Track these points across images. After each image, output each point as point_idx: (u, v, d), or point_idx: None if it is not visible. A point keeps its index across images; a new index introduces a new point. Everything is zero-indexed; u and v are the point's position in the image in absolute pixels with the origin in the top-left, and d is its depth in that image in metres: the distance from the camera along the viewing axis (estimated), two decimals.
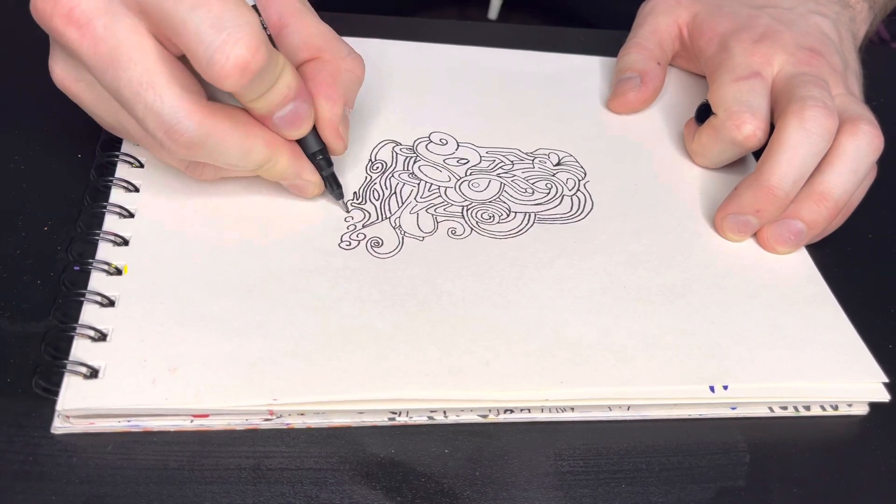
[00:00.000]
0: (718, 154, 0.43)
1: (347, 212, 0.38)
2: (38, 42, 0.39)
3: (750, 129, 0.40)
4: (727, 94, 0.41)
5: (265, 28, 0.33)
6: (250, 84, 0.30)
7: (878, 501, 0.32)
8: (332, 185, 0.37)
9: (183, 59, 0.31)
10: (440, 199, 0.40)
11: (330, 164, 0.37)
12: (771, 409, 0.34)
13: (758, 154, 0.40)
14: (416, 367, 0.32)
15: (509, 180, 0.41)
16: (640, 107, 0.47)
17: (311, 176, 0.36)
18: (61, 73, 0.33)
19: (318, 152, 0.36)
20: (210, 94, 0.33)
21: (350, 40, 0.48)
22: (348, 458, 0.31)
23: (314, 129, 0.35)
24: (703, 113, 0.43)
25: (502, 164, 0.42)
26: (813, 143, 0.38)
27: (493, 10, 0.72)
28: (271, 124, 0.34)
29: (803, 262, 0.40)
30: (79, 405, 0.29)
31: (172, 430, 0.30)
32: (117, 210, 0.36)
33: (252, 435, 0.31)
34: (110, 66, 0.30)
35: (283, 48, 0.35)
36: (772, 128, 0.40)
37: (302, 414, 0.31)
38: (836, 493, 0.32)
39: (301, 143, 0.36)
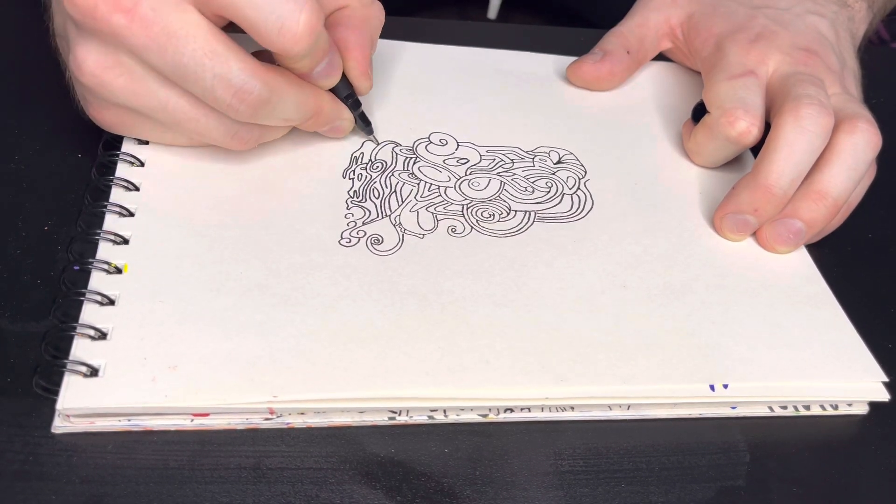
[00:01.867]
0: (714, 152, 0.43)
1: (377, 144, 0.42)
2: (38, 43, 0.39)
3: (743, 125, 0.40)
4: (720, 92, 0.41)
5: None
6: (314, 44, 0.33)
7: (877, 501, 0.32)
8: (363, 123, 0.41)
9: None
10: (440, 199, 0.40)
11: (359, 104, 0.40)
12: (771, 408, 0.34)
13: (756, 153, 0.40)
14: (417, 365, 0.32)
15: (509, 179, 0.41)
16: (592, 81, 0.48)
17: (348, 115, 0.40)
18: (95, 62, 0.33)
19: (349, 95, 0.39)
20: None
21: None
22: (348, 458, 0.31)
23: (343, 74, 0.38)
24: (699, 112, 0.43)
25: (502, 162, 0.42)
26: (809, 141, 0.38)
27: (493, 10, 0.72)
28: (311, 79, 0.36)
29: (803, 261, 0.40)
30: (79, 404, 0.29)
31: (173, 429, 0.30)
32: (117, 209, 0.36)
33: (252, 434, 0.31)
34: (168, 44, 0.32)
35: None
36: (769, 127, 0.40)
37: (302, 413, 0.31)
38: (836, 493, 0.32)
39: (332, 89, 0.38)
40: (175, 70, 0.32)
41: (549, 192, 0.41)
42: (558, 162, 0.43)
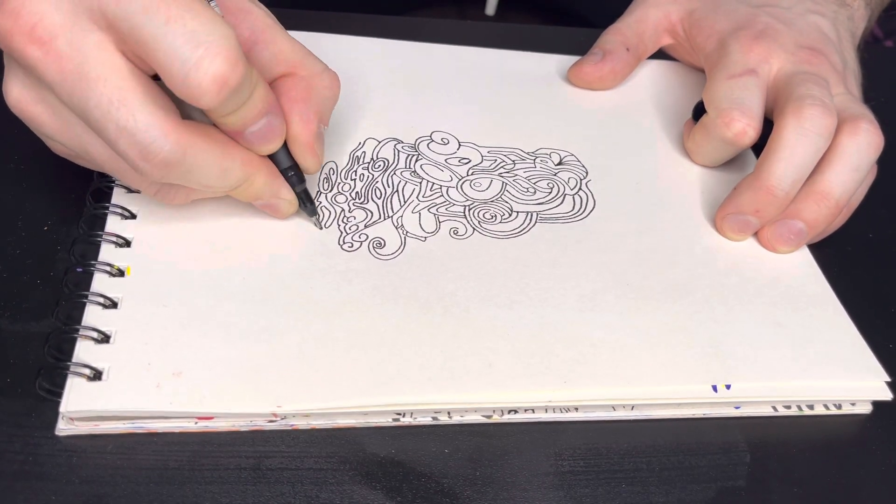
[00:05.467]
0: (712, 152, 0.43)
1: (321, 229, 0.37)
2: None
3: (739, 126, 0.40)
4: (718, 92, 0.41)
5: None
6: (228, 99, 0.29)
7: (879, 501, 0.32)
8: (305, 202, 0.36)
9: (154, 78, 0.30)
10: (442, 199, 0.40)
11: (302, 180, 0.36)
12: (774, 408, 0.34)
13: (759, 152, 0.40)
14: (420, 371, 0.32)
15: (511, 180, 0.41)
16: (594, 82, 0.48)
17: (287, 194, 0.35)
18: (18, 95, 0.31)
19: (289, 168, 0.35)
20: (184, 112, 0.32)
21: (350, 39, 0.48)
22: (348, 458, 0.31)
23: (285, 145, 0.35)
24: (699, 111, 0.43)
25: (504, 163, 0.42)
26: (811, 143, 0.38)
27: (490, 7, 0.72)
28: (244, 140, 0.33)
29: (805, 261, 0.40)
30: (83, 407, 0.29)
31: (176, 431, 0.30)
32: (119, 211, 0.36)
33: (252, 435, 0.31)
34: (77, 85, 0.29)
35: (255, 63, 0.33)
36: (772, 125, 0.40)
37: (307, 415, 0.31)
38: (837, 493, 0.32)
39: (272, 158, 0.35)
40: (82, 114, 0.29)
41: (550, 192, 0.41)
42: (559, 163, 0.43)
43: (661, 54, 0.51)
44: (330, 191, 0.39)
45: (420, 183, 0.40)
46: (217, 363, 0.31)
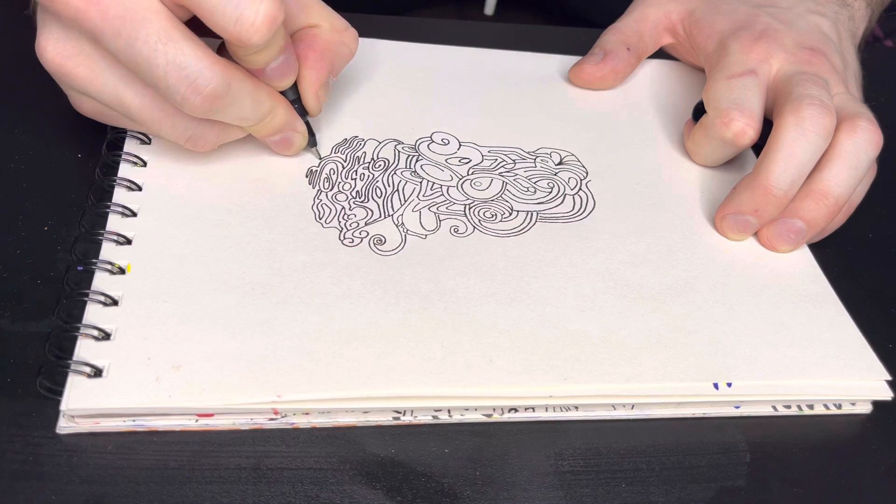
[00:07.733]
0: (712, 152, 0.43)
1: (319, 160, 0.41)
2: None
3: (738, 126, 0.40)
4: (717, 92, 0.41)
5: None
6: (272, 37, 0.32)
7: (879, 501, 0.32)
8: (308, 134, 0.40)
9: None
10: (442, 198, 0.40)
11: (305, 112, 0.39)
12: (774, 407, 0.34)
13: (760, 152, 0.40)
14: (420, 364, 0.32)
15: (511, 179, 0.41)
16: (596, 82, 0.48)
17: (301, 127, 0.39)
18: (54, 50, 0.33)
19: (295, 101, 0.38)
20: None
21: None
22: (348, 458, 0.31)
23: (294, 83, 0.38)
24: (699, 111, 0.43)
25: (504, 163, 0.42)
26: (810, 142, 0.38)
27: (489, 6, 0.72)
28: (265, 76, 0.35)
29: (805, 260, 0.40)
30: (83, 405, 0.29)
31: (177, 429, 0.30)
32: (120, 209, 0.36)
33: (252, 435, 0.31)
34: (123, 28, 0.31)
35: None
36: (772, 125, 0.40)
37: (307, 413, 0.31)
38: (837, 493, 0.32)
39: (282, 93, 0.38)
40: (129, 55, 0.31)
41: (550, 192, 0.41)
42: (560, 163, 0.43)
43: (661, 54, 0.51)
44: (330, 190, 0.39)
45: (420, 182, 0.40)
46: (216, 356, 0.31)
